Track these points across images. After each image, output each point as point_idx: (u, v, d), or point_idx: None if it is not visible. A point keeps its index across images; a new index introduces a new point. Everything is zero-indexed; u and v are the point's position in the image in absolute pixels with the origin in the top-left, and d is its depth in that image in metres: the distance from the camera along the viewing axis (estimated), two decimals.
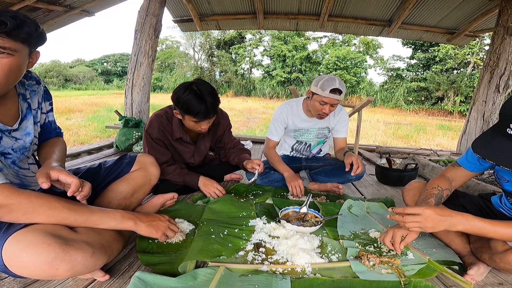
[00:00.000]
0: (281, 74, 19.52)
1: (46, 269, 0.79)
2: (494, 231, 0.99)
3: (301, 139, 2.24)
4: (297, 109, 2.15)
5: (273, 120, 2.17)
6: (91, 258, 0.86)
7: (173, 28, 26.49)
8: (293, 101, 2.19)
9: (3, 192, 0.82)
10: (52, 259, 0.79)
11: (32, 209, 0.85)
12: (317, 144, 2.29)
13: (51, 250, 0.80)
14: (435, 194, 1.25)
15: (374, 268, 1.12)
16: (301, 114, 2.15)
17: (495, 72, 3.26)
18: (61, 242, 0.82)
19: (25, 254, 0.78)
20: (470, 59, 15.26)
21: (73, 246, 0.84)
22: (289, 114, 2.14)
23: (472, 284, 1.07)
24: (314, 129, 2.19)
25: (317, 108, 1.96)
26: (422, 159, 3.03)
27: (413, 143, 6.49)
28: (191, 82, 1.62)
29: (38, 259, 0.78)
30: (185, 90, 1.58)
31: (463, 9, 3.97)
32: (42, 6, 3.85)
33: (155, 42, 3.67)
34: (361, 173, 2.12)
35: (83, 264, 0.85)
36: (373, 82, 19.65)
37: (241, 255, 1.19)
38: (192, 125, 1.67)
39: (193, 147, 1.89)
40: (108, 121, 7.04)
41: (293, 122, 2.16)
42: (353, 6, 4.29)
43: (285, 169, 2.01)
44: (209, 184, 1.82)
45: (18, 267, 0.80)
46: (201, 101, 1.56)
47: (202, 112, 1.57)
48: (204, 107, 1.57)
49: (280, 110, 2.16)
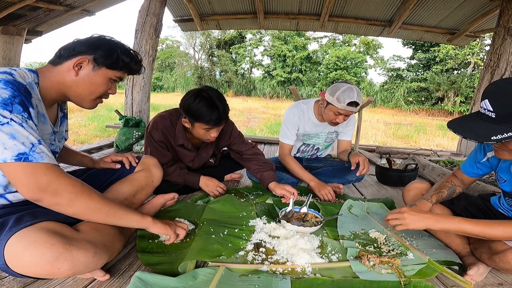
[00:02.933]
0: (281, 74, 19.51)
1: (48, 268, 0.79)
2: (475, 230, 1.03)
3: (309, 142, 2.22)
4: (308, 113, 2.09)
5: (285, 122, 2.10)
6: (93, 258, 0.87)
7: (174, 28, 26.47)
8: (303, 104, 2.12)
9: (54, 172, 0.85)
10: (55, 258, 0.79)
11: (74, 193, 0.87)
12: (325, 148, 2.29)
13: (54, 249, 0.80)
14: (448, 187, 1.35)
15: (374, 268, 1.12)
16: (312, 118, 2.09)
17: (496, 72, 3.26)
18: (64, 241, 0.82)
19: (28, 253, 0.78)
20: (470, 59, 15.26)
21: (76, 246, 0.84)
22: (301, 117, 2.09)
23: (472, 284, 1.07)
24: (323, 133, 2.16)
25: (330, 118, 1.92)
26: (422, 159, 3.03)
27: (413, 144, 6.49)
28: (199, 89, 1.59)
29: (41, 258, 0.78)
30: (196, 97, 1.54)
31: (464, 9, 3.97)
32: (43, 6, 3.85)
33: (155, 41, 3.67)
34: (361, 176, 2.12)
35: (85, 264, 0.85)
36: (373, 82, 19.63)
37: (241, 255, 1.19)
38: (202, 134, 1.63)
39: (194, 154, 1.87)
40: (108, 121, 7.04)
41: (304, 126, 2.11)
42: (354, 6, 4.28)
43: (310, 178, 1.95)
44: (210, 183, 1.81)
45: (19, 266, 0.80)
46: (213, 108, 1.54)
47: (214, 119, 1.54)
48: (216, 114, 1.54)
49: (292, 113, 2.08)
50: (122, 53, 1.06)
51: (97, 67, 1.02)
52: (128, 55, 1.07)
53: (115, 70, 1.05)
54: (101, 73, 1.03)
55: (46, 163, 0.83)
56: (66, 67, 0.99)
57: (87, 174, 1.32)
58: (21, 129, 0.81)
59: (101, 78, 1.03)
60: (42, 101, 0.97)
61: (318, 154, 2.32)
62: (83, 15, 4.51)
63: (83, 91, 1.02)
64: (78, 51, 1.00)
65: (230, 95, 19.71)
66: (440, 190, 1.34)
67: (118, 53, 1.05)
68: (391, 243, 1.32)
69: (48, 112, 1.01)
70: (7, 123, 0.79)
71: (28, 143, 0.81)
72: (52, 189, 0.84)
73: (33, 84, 0.93)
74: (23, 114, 0.83)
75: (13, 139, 0.79)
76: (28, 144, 0.81)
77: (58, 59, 1.00)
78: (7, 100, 0.80)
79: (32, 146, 0.82)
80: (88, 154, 1.44)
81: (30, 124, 0.84)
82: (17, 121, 0.80)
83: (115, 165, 1.38)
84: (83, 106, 1.07)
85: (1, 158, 0.78)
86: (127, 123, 3.36)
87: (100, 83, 1.04)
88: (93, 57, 1.01)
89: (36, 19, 4.32)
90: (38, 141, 0.84)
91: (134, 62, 1.10)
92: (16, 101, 0.82)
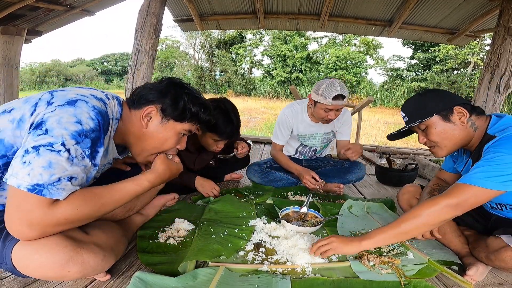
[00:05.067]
0: (281, 74, 19.50)
1: (59, 270, 0.78)
2: (390, 236, 1.06)
3: (306, 143, 2.22)
4: (302, 114, 2.10)
5: (278, 123, 2.12)
6: (101, 261, 0.87)
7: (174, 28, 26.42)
8: (297, 104, 2.13)
9: (74, 202, 0.78)
10: (66, 261, 0.79)
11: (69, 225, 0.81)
12: (322, 148, 2.28)
13: (66, 252, 0.79)
14: (438, 189, 1.35)
15: (374, 268, 1.12)
16: (305, 118, 2.10)
17: (496, 72, 3.25)
18: (75, 244, 0.82)
19: (38, 256, 0.77)
20: (470, 59, 15.25)
21: (86, 249, 0.83)
22: (294, 118, 2.09)
23: (472, 284, 1.07)
24: (319, 135, 2.15)
25: (321, 115, 1.92)
26: (422, 159, 3.03)
27: (413, 143, 6.49)
28: (218, 100, 1.61)
29: (52, 261, 0.77)
30: (214, 108, 1.55)
31: (464, 9, 3.97)
32: (43, 6, 3.85)
33: (155, 41, 3.66)
34: (362, 175, 2.12)
35: (93, 267, 0.85)
36: (373, 82, 19.64)
37: (241, 255, 1.19)
38: (210, 143, 1.65)
39: (196, 156, 1.87)
40: None
41: (297, 127, 2.11)
42: (354, 6, 4.28)
43: (295, 167, 2.00)
44: (206, 184, 1.81)
45: (28, 268, 0.79)
46: (228, 122, 1.57)
47: (227, 133, 1.58)
48: (230, 129, 1.57)
49: (285, 113, 2.10)
50: (190, 101, 0.97)
51: (165, 120, 0.94)
52: (196, 103, 0.97)
53: (183, 122, 0.97)
54: (169, 126, 0.95)
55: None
56: (137, 116, 0.93)
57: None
58: (65, 162, 0.75)
59: (169, 132, 0.95)
60: (112, 136, 0.91)
61: (318, 155, 2.32)
62: (83, 15, 4.51)
63: (149, 145, 0.95)
64: (147, 100, 0.93)
65: (230, 95, 19.70)
66: (432, 194, 1.34)
67: (185, 101, 0.96)
68: (391, 243, 1.32)
69: None
70: (58, 151, 0.74)
71: (57, 177, 0.74)
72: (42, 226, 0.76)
73: (115, 120, 0.88)
74: (85, 150, 0.78)
75: (48, 168, 0.73)
76: (56, 177, 0.74)
77: (132, 104, 0.94)
78: (85, 131, 0.77)
79: (58, 180, 0.75)
80: None
81: (85, 162, 0.79)
82: (72, 154, 0.76)
83: (126, 167, 1.28)
84: (138, 159, 1.00)
85: (16, 183, 0.72)
86: None
87: (168, 138, 0.96)
88: (161, 106, 0.94)
89: (36, 19, 4.31)
90: (72, 178, 0.77)
91: (203, 111, 1.01)
92: (91, 136, 0.78)
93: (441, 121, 1.15)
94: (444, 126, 1.15)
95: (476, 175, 0.97)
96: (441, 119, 1.15)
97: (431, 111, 1.15)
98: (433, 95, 1.20)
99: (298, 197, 1.92)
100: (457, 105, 1.14)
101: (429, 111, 1.16)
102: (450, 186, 1.05)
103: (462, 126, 1.14)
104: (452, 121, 1.14)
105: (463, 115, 1.13)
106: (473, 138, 1.16)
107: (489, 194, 0.97)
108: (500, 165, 0.94)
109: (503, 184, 0.94)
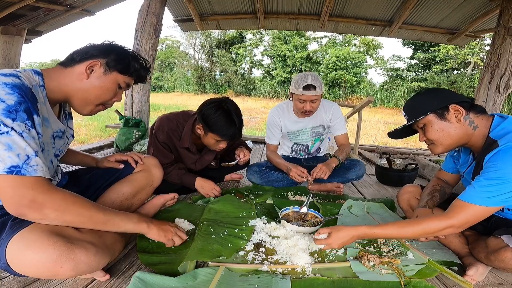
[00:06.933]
0: (281, 74, 19.49)
1: (51, 267, 0.79)
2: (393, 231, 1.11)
3: (297, 141, 2.25)
4: (287, 111, 2.16)
5: (267, 124, 2.20)
6: (94, 257, 0.87)
7: (174, 28, 26.39)
8: (284, 103, 2.21)
9: (42, 186, 0.82)
10: (57, 256, 0.79)
11: (64, 206, 0.85)
12: (314, 143, 2.29)
13: (57, 247, 0.80)
14: (439, 190, 1.38)
15: (374, 268, 1.12)
16: (291, 115, 2.16)
17: (496, 72, 3.25)
18: (66, 240, 0.83)
19: (30, 252, 0.78)
20: (470, 59, 15.24)
21: (78, 245, 0.84)
22: (280, 116, 2.16)
23: (472, 285, 1.07)
24: (307, 129, 2.19)
25: (298, 107, 1.99)
26: (422, 159, 3.03)
27: (413, 144, 6.49)
28: (220, 101, 1.62)
29: (43, 257, 0.78)
30: (217, 109, 1.57)
31: (464, 9, 3.97)
32: (43, 6, 3.85)
33: (155, 41, 3.66)
34: (361, 173, 2.12)
35: (86, 263, 0.85)
36: (373, 82, 19.61)
37: (241, 255, 1.19)
38: (212, 143, 1.66)
39: (197, 157, 1.87)
40: (108, 121, 7.04)
41: (285, 124, 2.17)
42: (354, 6, 4.28)
43: (284, 163, 2.03)
44: (206, 185, 1.81)
45: (22, 265, 0.80)
46: (231, 124, 1.57)
47: (229, 135, 1.59)
48: (233, 130, 1.58)
49: (272, 113, 2.18)
50: (133, 59, 1.08)
51: (108, 71, 1.03)
52: (138, 61, 1.10)
53: (125, 75, 1.06)
54: (111, 77, 1.04)
55: (37, 176, 0.81)
56: (78, 70, 0.99)
57: (90, 174, 1.32)
58: (19, 139, 0.78)
59: (110, 83, 1.04)
60: (46, 103, 0.95)
61: (312, 151, 2.32)
62: (83, 15, 4.51)
63: (90, 95, 1.02)
64: (91, 55, 1.01)
65: (230, 95, 19.68)
66: (433, 194, 1.36)
67: (130, 58, 1.07)
68: (391, 243, 1.32)
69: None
70: (6, 132, 0.77)
71: (24, 155, 0.79)
72: (37, 204, 0.81)
73: (37, 87, 0.91)
74: (26, 123, 0.81)
75: (9, 150, 0.77)
76: (23, 156, 0.79)
77: (70, 62, 1.01)
78: (12, 107, 0.79)
79: (27, 159, 0.79)
80: (90, 154, 1.44)
81: (32, 133, 0.82)
82: (18, 130, 0.79)
83: (119, 164, 1.37)
84: (82, 112, 1.06)
85: None
86: (127, 123, 3.36)
87: (109, 88, 1.04)
88: (106, 61, 1.02)
89: (36, 19, 4.31)
90: (35, 153, 0.81)
91: (143, 69, 1.13)
92: (21, 108, 0.80)
93: (437, 119, 1.16)
94: (440, 125, 1.16)
95: (478, 194, 1.01)
96: (436, 117, 1.16)
97: (427, 110, 1.17)
98: (430, 94, 1.21)
99: (298, 197, 1.92)
100: (453, 103, 1.14)
101: (424, 109, 1.17)
102: (452, 204, 1.08)
103: (459, 124, 1.15)
104: (447, 119, 1.15)
105: (460, 113, 1.14)
106: (473, 137, 1.16)
107: (490, 211, 1.02)
108: (500, 185, 0.98)
109: (504, 201, 0.99)
